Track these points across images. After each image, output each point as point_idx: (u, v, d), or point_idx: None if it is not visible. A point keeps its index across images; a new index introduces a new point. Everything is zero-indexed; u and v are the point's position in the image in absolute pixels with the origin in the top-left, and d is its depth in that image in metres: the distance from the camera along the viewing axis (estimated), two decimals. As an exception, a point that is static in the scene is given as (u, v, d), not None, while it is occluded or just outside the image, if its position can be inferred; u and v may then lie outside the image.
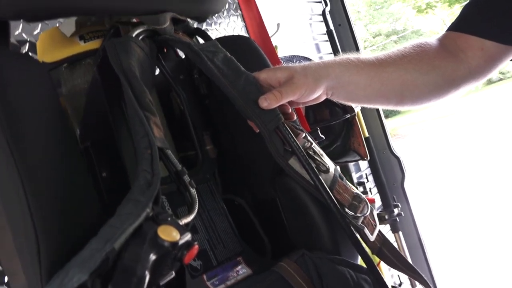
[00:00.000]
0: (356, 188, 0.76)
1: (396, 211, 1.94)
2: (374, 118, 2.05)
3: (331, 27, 1.98)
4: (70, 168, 0.54)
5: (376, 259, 0.74)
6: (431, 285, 0.71)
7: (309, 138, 0.71)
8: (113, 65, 0.58)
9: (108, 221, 0.44)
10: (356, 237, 0.64)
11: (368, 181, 1.98)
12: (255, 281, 0.69)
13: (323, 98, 0.75)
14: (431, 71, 0.75)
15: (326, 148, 1.51)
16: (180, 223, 0.52)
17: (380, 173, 1.95)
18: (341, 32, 2.06)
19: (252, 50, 0.82)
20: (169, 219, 0.46)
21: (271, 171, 0.75)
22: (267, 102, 0.64)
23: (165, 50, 0.78)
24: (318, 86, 0.70)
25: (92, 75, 0.66)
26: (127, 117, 0.57)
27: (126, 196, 0.47)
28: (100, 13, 0.66)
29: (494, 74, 0.81)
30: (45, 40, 0.70)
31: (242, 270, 0.74)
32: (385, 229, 1.97)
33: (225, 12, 1.38)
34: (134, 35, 0.64)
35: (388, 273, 1.99)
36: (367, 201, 0.70)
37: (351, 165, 1.98)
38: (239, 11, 1.40)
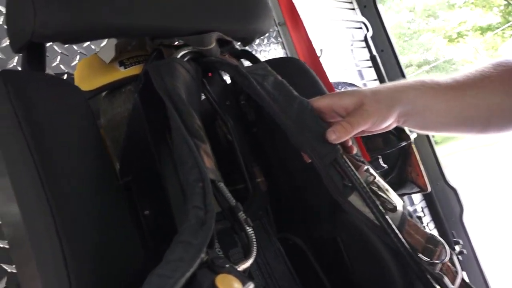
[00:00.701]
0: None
1: (457, 248, 1.77)
2: (425, 146, 1.92)
3: (374, 52, 1.92)
4: (109, 209, 0.47)
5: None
6: None
7: (371, 171, 0.61)
8: (157, 88, 0.52)
9: (154, 269, 0.36)
10: None
11: (424, 215, 1.83)
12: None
13: (393, 126, 0.65)
14: None
15: (380, 179, 1.41)
16: (238, 269, 0.44)
17: (437, 206, 1.80)
18: (384, 58, 2.00)
19: (304, 73, 0.75)
20: (227, 265, 0.39)
21: (330, 205, 0.66)
22: (336, 135, 0.56)
23: (209, 74, 0.72)
24: (391, 113, 0.61)
25: (133, 103, 0.61)
26: (173, 146, 0.50)
27: (175, 237, 0.39)
28: (142, 34, 0.62)
29: None
30: (83, 68, 0.66)
31: (304, 323, 0.64)
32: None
33: (265, 40, 1.35)
34: (178, 56, 0.59)
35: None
36: (445, 244, 0.59)
37: (404, 198, 1.84)
38: (279, 39, 1.36)
